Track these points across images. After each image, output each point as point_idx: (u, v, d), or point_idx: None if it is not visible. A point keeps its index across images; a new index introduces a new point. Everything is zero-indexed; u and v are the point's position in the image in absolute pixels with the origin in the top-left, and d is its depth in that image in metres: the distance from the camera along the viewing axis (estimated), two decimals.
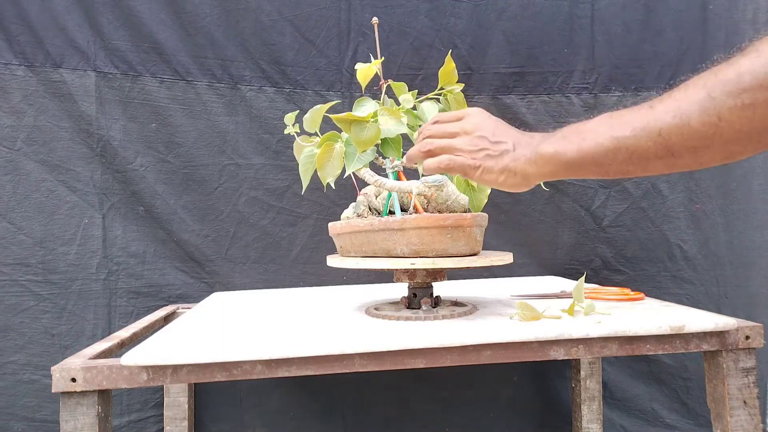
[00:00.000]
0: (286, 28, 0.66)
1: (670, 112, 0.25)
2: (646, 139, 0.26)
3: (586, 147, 0.28)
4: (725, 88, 0.24)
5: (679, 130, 0.25)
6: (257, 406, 0.67)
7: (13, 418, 0.59)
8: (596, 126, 0.28)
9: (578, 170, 0.29)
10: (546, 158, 0.30)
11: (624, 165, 0.27)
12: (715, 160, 0.26)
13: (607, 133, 0.27)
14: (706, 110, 0.24)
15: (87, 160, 0.63)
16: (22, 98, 0.61)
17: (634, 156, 0.27)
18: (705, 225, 0.71)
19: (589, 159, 0.28)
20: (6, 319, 0.60)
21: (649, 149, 0.26)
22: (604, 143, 0.27)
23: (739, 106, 0.23)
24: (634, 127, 0.26)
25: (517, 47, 0.69)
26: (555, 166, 0.30)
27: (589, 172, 0.29)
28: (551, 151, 0.30)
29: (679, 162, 0.26)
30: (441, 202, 0.45)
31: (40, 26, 0.61)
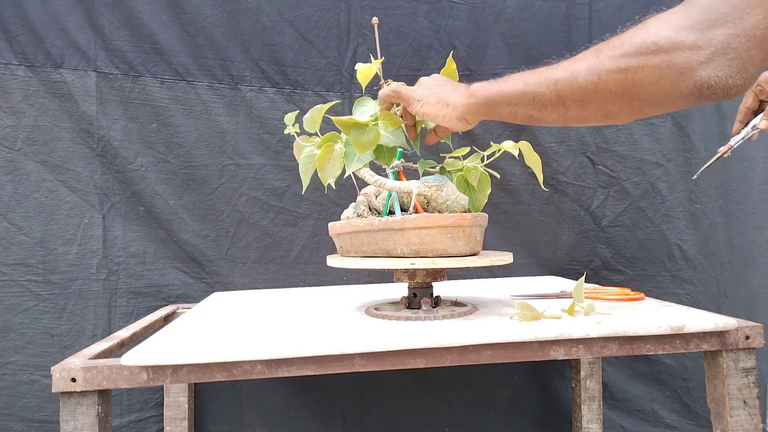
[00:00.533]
0: (286, 28, 0.66)
1: (567, 67, 0.30)
2: (545, 87, 0.31)
3: (503, 88, 0.34)
4: (609, 52, 0.28)
5: (569, 82, 0.30)
6: (257, 406, 0.67)
7: (13, 419, 0.59)
8: (517, 74, 0.34)
9: (495, 107, 0.34)
10: (471, 92, 0.36)
11: (528, 108, 0.32)
12: (597, 118, 0.30)
13: (520, 79, 0.33)
14: (591, 69, 0.29)
15: (87, 160, 0.63)
16: (22, 98, 0.61)
17: (535, 100, 0.32)
18: (704, 225, 0.72)
19: (503, 97, 0.34)
20: (6, 320, 0.60)
21: (546, 96, 0.31)
22: (516, 86, 0.33)
23: (615, 69, 0.28)
24: (539, 77, 0.32)
25: (515, 48, 0.70)
26: (478, 98, 0.35)
27: (504, 111, 0.34)
28: (477, 87, 0.35)
29: (569, 113, 0.31)
30: (441, 202, 0.45)
31: (40, 26, 0.61)
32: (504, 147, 0.45)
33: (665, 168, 0.72)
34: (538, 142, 0.70)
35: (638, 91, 0.27)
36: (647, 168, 0.72)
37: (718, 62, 0.25)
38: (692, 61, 0.26)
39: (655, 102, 0.28)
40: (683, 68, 0.26)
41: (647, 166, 0.72)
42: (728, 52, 0.25)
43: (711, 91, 0.26)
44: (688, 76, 0.26)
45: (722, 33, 0.25)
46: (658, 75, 0.26)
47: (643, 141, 0.73)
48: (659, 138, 0.73)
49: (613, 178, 0.72)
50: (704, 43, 0.25)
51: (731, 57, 0.25)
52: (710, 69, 0.25)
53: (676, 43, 0.26)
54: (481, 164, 0.46)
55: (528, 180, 0.72)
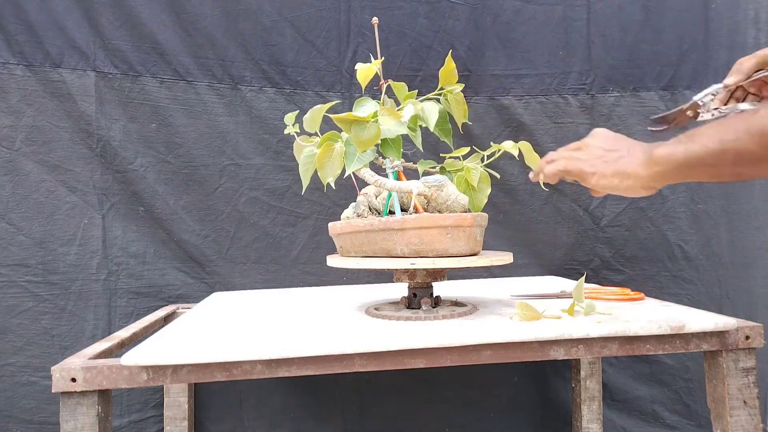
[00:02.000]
0: (287, 29, 0.66)
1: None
2: (749, 142, 0.27)
3: (693, 149, 0.30)
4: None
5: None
6: (257, 407, 0.66)
7: (12, 421, 0.59)
8: (706, 129, 0.30)
9: (689, 171, 0.31)
10: (657, 159, 0.32)
11: (734, 167, 0.29)
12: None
13: (714, 136, 0.29)
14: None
15: (86, 160, 0.63)
16: (20, 98, 0.61)
17: (742, 157, 0.28)
18: (707, 225, 0.71)
19: (697, 160, 0.30)
20: (4, 321, 0.60)
21: (753, 150, 0.28)
22: (709, 145, 0.29)
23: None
24: (737, 130, 0.28)
25: (513, 50, 0.70)
26: (665, 166, 0.31)
27: (701, 173, 0.31)
28: (663, 153, 0.31)
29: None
30: (441, 202, 0.45)
31: (39, 26, 0.60)
32: (504, 147, 0.45)
33: None
34: (536, 143, 0.70)
35: None
36: None
37: None
38: None
39: None
40: None
41: None
42: None
43: None
44: None
45: None
46: None
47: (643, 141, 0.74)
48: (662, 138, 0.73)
49: None
50: None
51: None
52: None
53: None
54: (481, 164, 0.46)
55: (527, 180, 0.72)
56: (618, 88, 0.71)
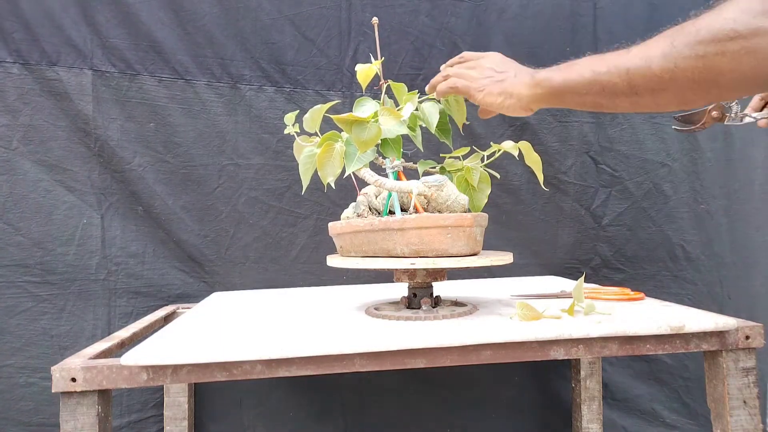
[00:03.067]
0: (286, 27, 0.66)
1: (639, 55, 0.29)
2: (616, 76, 0.30)
3: (570, 76, 0.33)
4: (684, 39, 0.27)
5: (642, 71, 0.29)
6: (257, 407, 0.67)
7: (10, 423, 0.59)
8: (583, 61, 0.33)
9: (562, 97, 0.34)
10: (537, 81, 0.35)
11: (597, 97, 0.31)
12: (672, 104, 0.30)
13: (588, 67, 0.32)
14: (666, 57, 0.28)
15: (84, 159, 0.62)
16: (17, 97, 0.60)
17: (606, 89, 0.31)
18: (709, 225, 0.71)
19: (571, 86, 0.33)
20: (3, 322, 0.59)
21: (617, 85, 0.30)
22: (584, 74, 0.32)
23: (693, 56, 0.27)
24: (608, 65, 0.31)
25: (518, 47, 0.69)
26: (544, 89, 0.34)
27: (571, 100, 0.33)
28: (543, 77, 0.34)
29: (641, 101, 0.30)
30: (441, 202, 0.45)
31: (35, 23, 0.60)
32: (504, 147, 0.45)
33: (670, 168, 0.72)
34: (540, 142, 0.70)
35: (717, 78, 0.26)
36: (651, 168, 0.72)
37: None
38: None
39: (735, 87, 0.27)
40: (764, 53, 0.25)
41: (651, 166, 0.72)
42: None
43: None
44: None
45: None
46: (737, 61, 0.25)
47: (647, 141, 0.72)
48: (664, 138, 0.72)
49: (616, 177, 0.72)
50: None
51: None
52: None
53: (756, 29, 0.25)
54: (481, 164, 0.46)
55: (529, 179, 0.72)
56: None
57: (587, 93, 0.32)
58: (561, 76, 0.33)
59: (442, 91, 0.39)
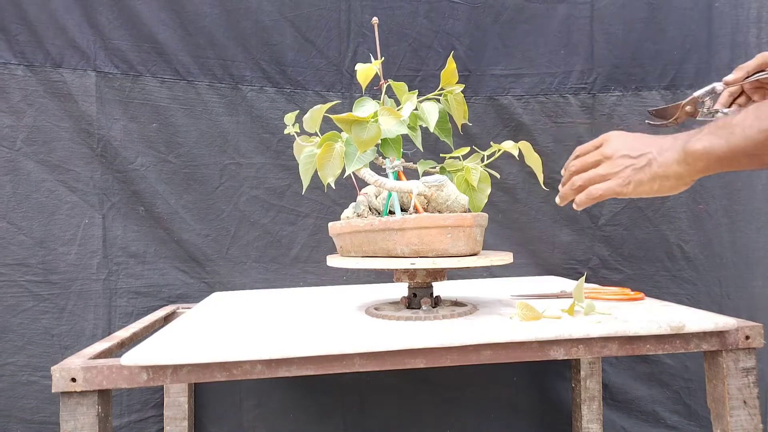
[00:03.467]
0: (287, 28, 0.66)
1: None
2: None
3: (735, 141, 0.29)
4: None
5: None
6: (257, 407, 0.66)
7: (12, 420, 0.59)
8: (743, 120, 0.29)
9: (731, 163, 0.30)
10: (696, 156, 0.30)
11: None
12: None
13: (755, 126, 0.28)
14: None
15: (87, 160, 0.63)
16: (21, 98, 0.61)
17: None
18: (708, 225, 0.71)
19: (740, 152, 0.29)
20: (4, 321, 0.60)
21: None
22: (752, 136, 0.28)
23: None
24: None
25: (513, 49, 0.69)
26: (706, 162, 0.30)
27: (742, 164, 0.30)
28: (701, 149, 0.30)
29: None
30: (441, 202, 0.45)
31: (39, 26, 0.60)
32: (504, 147, 0.45)
33: None
34: (535, 142, 0.70)
35: None
36: None
37: None
38: None
39: None
40: None
41: None
42: None
43: None
44: None
45: None
46: None
47: None
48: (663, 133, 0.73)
49: None
50: None
51: None
52: None
53: None
54: (481, 164, 0.46)
55: (526, 179, 0.72)
56: (620, 88, 0.71)
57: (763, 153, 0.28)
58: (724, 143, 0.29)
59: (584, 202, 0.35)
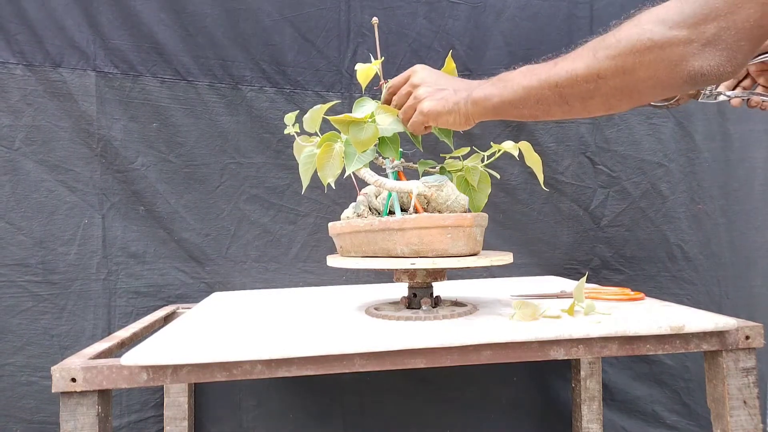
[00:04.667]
0: (287, 28, 0.66)
1: (565, 68, 0.31)
2: (547, 89, 0.32)
3: (506, 94, 0.35)
4: (606, 51, 0.29)
5: (569, 83, 0.31)
6: (257, 407, 0.66)
7: (11, 421, 0.59)
8: (515, 76, 0.34)
9: (501, 112, 0.35)
10: (477, 101, 0.36)
11: (533, 109, 0.34)
12: (600, 110, 0.32)
13: (521, 83, 0.34)
14: (590, 68, 0.30)
15: (86, 160, 0.63)
16: (20, 98, 0.60)
17: (540, 102, 0.33)
18: (707, 225, 0.71)
19: (508, 103, 0.34)
20: (4, 321, 0.59)
21: (549, 97, 0.32)
22: (518, 91, 0.34)
23: (613, 67, 0.29)
24: (539, 79, 0.33)
25: (515, 48, 0.69)
26: (484, 108, 0.36)
27: (510, 114, 0.35)
28: (482, 96, 0.36)
29: (573, 109, 0.32)
30: (441, 202, 0.45)
31: (39, 25, 0.60)
32: (504, 147, 0.45)
33: (667, 168, 0.72)
34: (537, 142, 0.70)
35: (637, 85, 0.29)
36: (648, 168, 0.72)
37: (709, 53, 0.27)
38: (685, 54, 0.27)
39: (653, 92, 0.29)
40: (677, 61, 0.27)
41: (648, 166, 0.72)
42: (719, 43, 0.26)
43: (704, 79, 0.27)
44: (682, 67, 0.27)
45: (714, 26, 0.26)
46: (653, 69, 0.28)
47: (644, 141, 0.72)
48: (661, 138, 0.73)
49: (614, 178, 0.72)
50: (696, 37, 0.26)
51: (721, 47, 0.26)
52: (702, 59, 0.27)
53: (670, 39, 0.27)
54: (481, 164, 0.46)
55: (527, 179, 0.72)
56: None
57: (523, 107, 0.34)
58: (497, 94, 0.35)
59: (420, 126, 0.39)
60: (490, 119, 0.37)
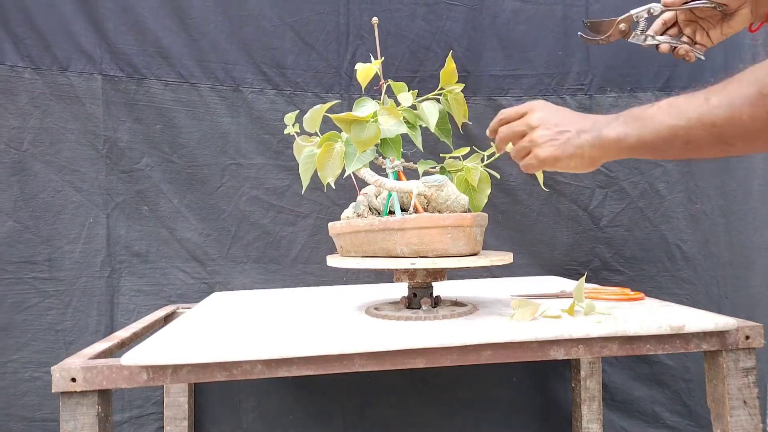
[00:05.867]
0: (287, 32, 0.67)
1: (723, 106, 0.27)
2: (700, 130, 0.28)
3: (645, 134, 0.31)
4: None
5: (731, 122, 0.27)
6: (257, 408, 0.66)
7: (13, 418, 0.60)
8: (656, 113, 0.30)
9: (639, 154, 0.32)
10: (609, 143, 0.33)
11: (681, 151, 0.30)
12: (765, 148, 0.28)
13: (665, 122, 0.30)
14: (756, 106, 0.26)
15: (92, 161, 0.64)
16: (28, 100, 0.62)
17: (690, 144, 0.29)
18: (705, 225, 0.71)
19: (649, 145, 0.31)
20: (8, 318, 0.60)
21: (703, 138, 0.28)
22: (661, 131, 0.30)
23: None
24: (689, 118, 0.29)
25: (512, 50, 0.70)
26: (617, 150, 0.33)
27: (648, 155, 0.32)
28: (614, 137, 0.32)
29: (732, 149, 0.29)
30: (441, 202, 0.45)
31: (47, 30, 0.62)
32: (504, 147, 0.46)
33: (664, 168, 0.72)
34: None
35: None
36: (645, 168, 0.72)
37: None
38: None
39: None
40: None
41: (645, 166, 0.72)
42: None
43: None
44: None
45: None
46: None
47: None
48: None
49: (612, 178, 0.72)
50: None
51: None
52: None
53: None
54: (481, 164, 0.47)
55: (526, 180, 0.72)
56: (616, 89, 0.71)
57: (668, 148, 0.30)
58: (635, 136, 0.30)
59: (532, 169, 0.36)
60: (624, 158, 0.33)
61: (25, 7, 0.61)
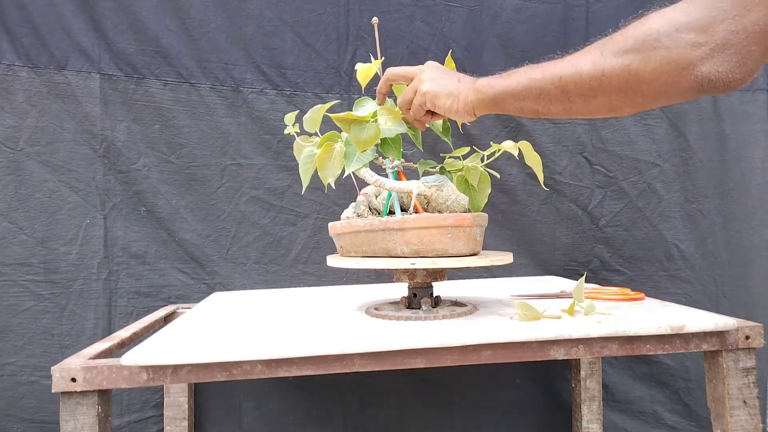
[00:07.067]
0: (287, 33, 0.67)
1: (571, 63, 0.31)
2: (550, 83, 0.32)
3: (508, 83, 0.35)
4: (612, 49, 0.29)
5: (573, 78, 0.31)
6: (257, 408, 0.66)
7: (12, 420, 0.59)
8: (522, 69, 0.35)
9: (501, 103, 0.35)
10: (479, 88, 0.36)
11: (533, 103, 0.33)
12: (602, 111, 0.31)
13: (525, 75, 0.34)
14: (595, 64, 0.30)
15: (89, 161, 0.63)
16: (24, 99, 0.61)
17: (541, 95, 0.33)
18: (702, 225, 0.72)
19: (509, 93, 0.34)
20: (5, 320, 0.60)
21: (551, 92, 0.32)
22: (522, 81, 0.34)
23: (618, 65, 0.28)
24: (543, 72, 0.33)
25: (512, 50, 0.70)
26: (485, 95, 0.36)
27: (510, 106, 0.35)
28: (484, 83, 0.36)
29: (573, 107, 0.32)
30: (441, 202, 0.45)
31: (44, 29, 0.61)
32: (504, 147, 0.45)
33: (661, 168, 0.72)
34: (534, 143, 0.70)
35: (640, 86, 0.28)
36: (644, 168, 0.72)
37: (718, 58, 0.25)
38: (693, 58, 0.26)
39: (657, 96, 0.28)
40: (684, 64, 0.26)
41: (644, 166, 0.73)
42: (728, 48, 0.25)
43: (711, 86, 0.26)
44: (689, 71, 0.26)
45: (722, 30, 0.25)
46: (659, 71, 0.27)
47: (639, 141, 0.73)
48: (655, 138, 0.73)
49: (610, 177, 0.72)
50: (704, 40, 0.25)
51: (731, 53, 0.25)
52: (710, 65, 0.26)
53: (677, 40, 0.26)
54: (481, 164, 0.47)
55: (525, 180, 0.72)
56: None
57: (525, 99, 0.33)
58: (501, 83, 0.35)
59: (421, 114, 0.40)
60: (492, 112, 0.36)
61: (23, 5, 0.60)
